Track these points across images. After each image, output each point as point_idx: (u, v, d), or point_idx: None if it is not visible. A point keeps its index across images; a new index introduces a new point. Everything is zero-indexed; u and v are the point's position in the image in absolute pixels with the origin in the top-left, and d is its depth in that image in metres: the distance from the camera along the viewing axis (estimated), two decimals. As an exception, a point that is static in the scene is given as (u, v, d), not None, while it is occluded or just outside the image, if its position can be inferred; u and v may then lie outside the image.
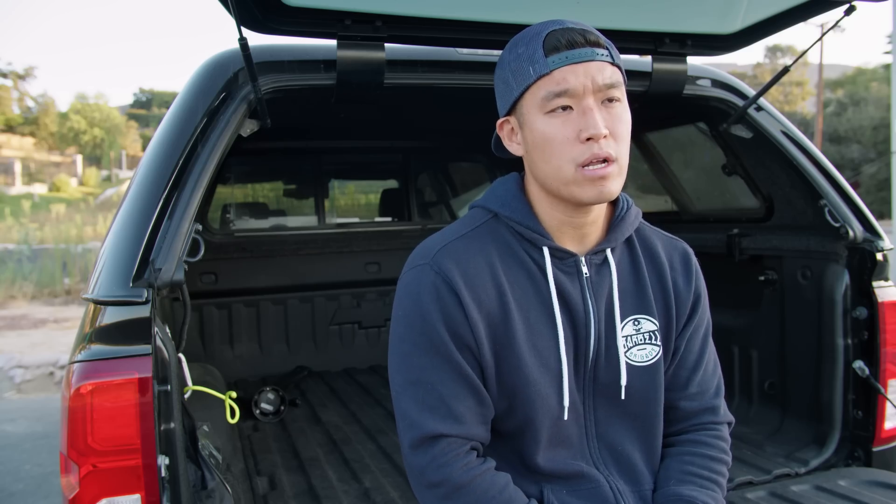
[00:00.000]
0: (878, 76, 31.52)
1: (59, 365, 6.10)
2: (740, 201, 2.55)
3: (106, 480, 1.30)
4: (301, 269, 3.64)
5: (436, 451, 1.06)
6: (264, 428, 2.75)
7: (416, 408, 1.07)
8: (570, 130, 1.03)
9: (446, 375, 1.06)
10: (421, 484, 1.09)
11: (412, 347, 1.08)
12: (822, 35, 2.14)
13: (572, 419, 1.12)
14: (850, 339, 2.06)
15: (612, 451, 1.16)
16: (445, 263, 1.08)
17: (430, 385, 1.06)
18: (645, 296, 1.17)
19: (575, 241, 1.14)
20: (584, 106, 1.02)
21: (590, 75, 1.02)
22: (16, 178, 31.23)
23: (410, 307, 1.09)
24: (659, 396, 1.17)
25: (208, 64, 1.70)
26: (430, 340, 1.06)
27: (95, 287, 1.41)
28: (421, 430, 1.06)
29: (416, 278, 1.09)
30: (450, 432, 1.06)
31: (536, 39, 1.05)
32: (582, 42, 1.03)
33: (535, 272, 1.11)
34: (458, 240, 1.12)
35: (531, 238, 1.12)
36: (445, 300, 1.06)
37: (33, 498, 3.44)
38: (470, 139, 3.87)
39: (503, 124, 1.14)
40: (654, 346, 1.16)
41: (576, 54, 1.02)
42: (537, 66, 1.03)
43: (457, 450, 1.06)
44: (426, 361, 1.07)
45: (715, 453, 1.19)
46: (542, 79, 1.03)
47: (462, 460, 1.06)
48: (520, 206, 1.13)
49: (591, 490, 1.13)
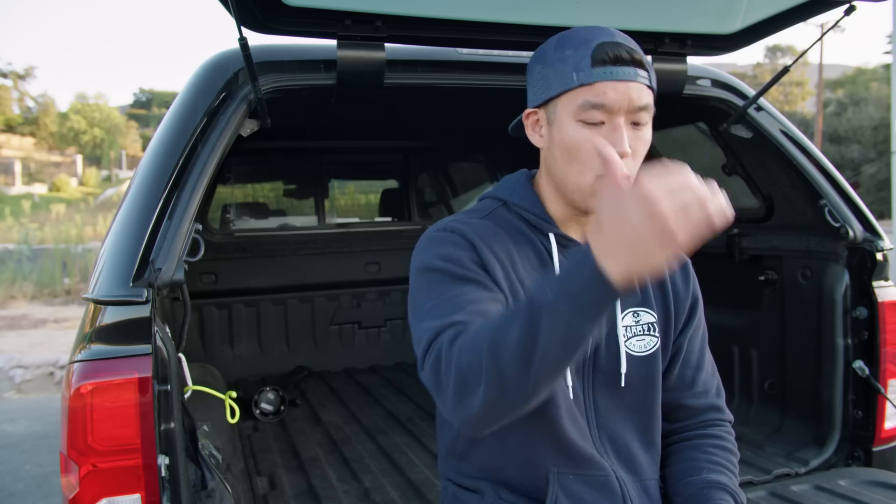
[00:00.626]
0: (878, 76, 31.53)
1: (59, 365, 6.10)
2: (740, 201, 2.55)
3: (106, 480, 1.30)
4: (301, 269, 3.64)
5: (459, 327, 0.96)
6: (264, 428, 2.75)
7: (442, 314, 0.99)
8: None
9: (470, 290, 1.03)
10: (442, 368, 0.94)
11: (425, 280, 1.06)
12: (822, 35, 2.14)
13: (574, 406, 1.14)
14: (850, 338, 2.06)
15: (612, 441, 1.18)
16: (461, 228, 1.11)
17: (451, 297, 1.01)
18: (644, 290, 1.21)
19: (580, 232, 1.18)
20: (615, 123, 1.05)
21: (628, 95, 1.05)
22: (16, 178, 31.24)
23: (424, 251, 1.10)
24: (657, 387, 1.20)
25: (208, 64, 1.70)
26: (447, 270, 1.04)
27: (95, 287, 1.41)
28: (438, 324, 0.98)
29: (431, 236, 1.12)
30: (464, 319, 0.97)
31: (585, 47, 1.06)
32: (628, 60, 1.05)
33: (543, 253, 1.16)
34: (470, 220, 1.16)
35: (538, 225, 1.16)
36: (460, 244, 1.08)
37: (33, 498, 3.44)
38: (470, 139, 3.87)
39: (530, 114, 1.16)
40: (652, 337, 1.19)
41: (620, 72, 1.04)
42: (581, 75, 1.05)
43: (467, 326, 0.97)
44: (443, 288, 1.03)
45: (731, 447, 1.24)
46: (583, 87, 1.05)
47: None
48: (529, 196, 1.18)
49: (600, 479, 1.14)
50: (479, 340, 0.89)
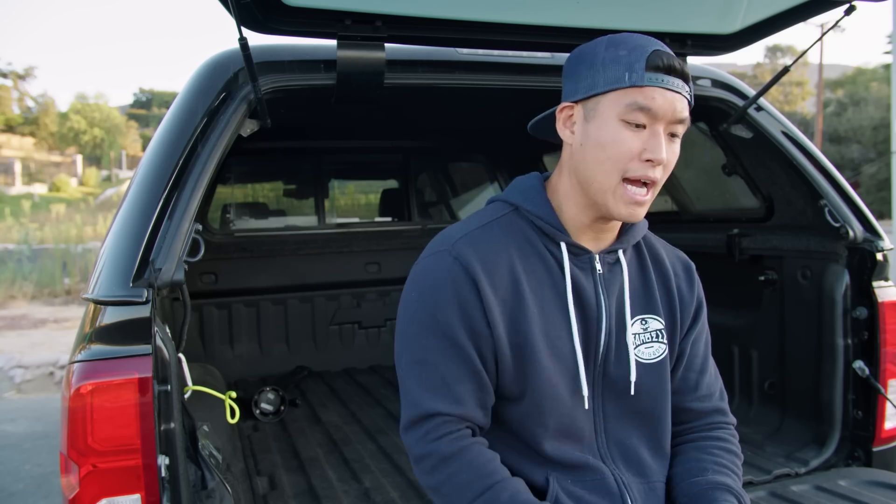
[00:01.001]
0: (878, 76, 31.53)
1: (59, 365, 6.10)
2: (740, 201, 2.55)
3: (106, 480, 1.30)
4: (301, 269, 3.64)
5: (429, 426, 1.09)
6: (264, 428, 2.75)
7: (418, 387, 1.11)
8: (637, 146, 1.08)
9: (450, 357, 1.09)
10: (413, 459, 1.12)
11: (420, 328, 1.12)
12: (822, 35, 2.14)
13: (583, 413, 1.15)
14: (850, 339, 2.06)
15: (620, 446, 1.18)
16: (464, 250, 1.12)
17: (433, 365, 1.10)
18: (652, 297, 1.22)
19: (591, 241, 1.18)
20: (656, 129, 1.08)
21: (673, 105, 1.08)
22: (16, 178, 31.23)
23: (425, 289, 1.13)
24: (666, 393, 1.21)
25: (208, 64, 1.70)
26: (438, 322, 1.10)
27: (95, 287, 1.41)
28: (419, 409, 1.10)
29: (434, 263, 1.14)
30: (446, 411, 1.09)
31: (640, 51, 1.08)
32: (679, 72, 1.08)
33: (553, 264, 1.16)
34: (478, 230, 1.16)
35: (550, 233, 1.16)
36: (461, 284, 1.10)
37: (33, 498, 3.44)
38: (470, 139, 3.87)
39: (565, 108, 1.16)
40: (660, 344, 1.21)
41: (670, 81, 1.07)
42: (634, 76, 1.07)
43: (450, 427, 1.10)
44: (432, 343, 1.10)
45: (735, 449, 1.25)
46: (633, 88, 1.07)
47: (453, 434, 1.09)
48: (542, 202, 1.18)
49: (596, 481, 1.15)
50: (451, 493, 1.08)
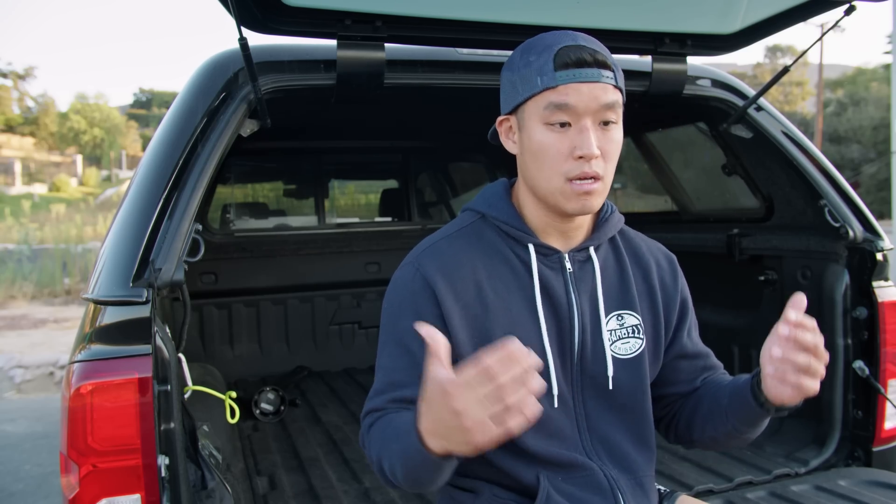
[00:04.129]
0: (878, 76, 31.52)
1: (59, 365, 6.10)
2: (740, 201, 2.55)
3: (106, 480, 1.30)
4: (301, 269, 3.65)
5: (367, 421, 1.14)
6: (264, 428, 2.75)
7: (373, 389, 1.16)
8: (565, 146, 1.08)
9: (403, 364, 1.12)
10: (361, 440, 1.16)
11: (386, 337, 1.17)
12: (822, 35, 2.14)
13: (563, 412, 1.15)
14: (850, 339, 2.06)
15: (604, 443, 1.19)
16: (426, 262, 1.15)
17: (389, 370, 1.14)
18: (629, 292, 1.22)
19: (559, 240, 1.19)
20: (582, 125, 1.07)
21: (593, 95, 1.06)
22: (16, 178, 31.23)
23: (393, 300, 1.17)
24: (645, 387, 1.22)
25: (208, 64, 1.70)
26: (397, 330, 1.14)
27: (95, 287, 1.41)
28: (367, 406, 1.15)
29: (400, 275, 1.18)
30: (389, 406, 1.12)
31: (548, 52, 1.08)
32: (591, 62, 1.07)
33: (519, 268, 1.17)
34: (443, 240, 1.19)
35: (517, 236, 1.17)
36: (419, 294, 1.13)
37: (33, 498, 3.44)
38: (470, 139, 3.87)
39: (503, 122, 1.18)
40: (637, 339, 1.21)
41: (583, 73, 1.06)
42: (545, 78, 1.07)
43: (378, 413, 1.12)
44: (391, 349, 1.15)
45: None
46: (547, 91, 1.07)
47: (378, 413, 1.12)
48: (505, 207, 1.19)
49: (586, 478, 1.16)
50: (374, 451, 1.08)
